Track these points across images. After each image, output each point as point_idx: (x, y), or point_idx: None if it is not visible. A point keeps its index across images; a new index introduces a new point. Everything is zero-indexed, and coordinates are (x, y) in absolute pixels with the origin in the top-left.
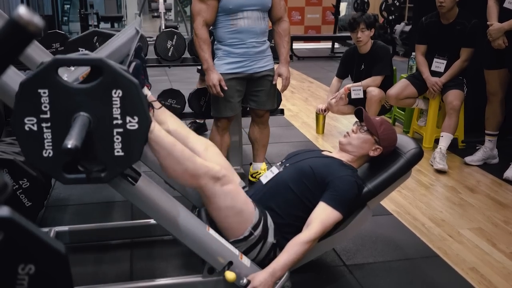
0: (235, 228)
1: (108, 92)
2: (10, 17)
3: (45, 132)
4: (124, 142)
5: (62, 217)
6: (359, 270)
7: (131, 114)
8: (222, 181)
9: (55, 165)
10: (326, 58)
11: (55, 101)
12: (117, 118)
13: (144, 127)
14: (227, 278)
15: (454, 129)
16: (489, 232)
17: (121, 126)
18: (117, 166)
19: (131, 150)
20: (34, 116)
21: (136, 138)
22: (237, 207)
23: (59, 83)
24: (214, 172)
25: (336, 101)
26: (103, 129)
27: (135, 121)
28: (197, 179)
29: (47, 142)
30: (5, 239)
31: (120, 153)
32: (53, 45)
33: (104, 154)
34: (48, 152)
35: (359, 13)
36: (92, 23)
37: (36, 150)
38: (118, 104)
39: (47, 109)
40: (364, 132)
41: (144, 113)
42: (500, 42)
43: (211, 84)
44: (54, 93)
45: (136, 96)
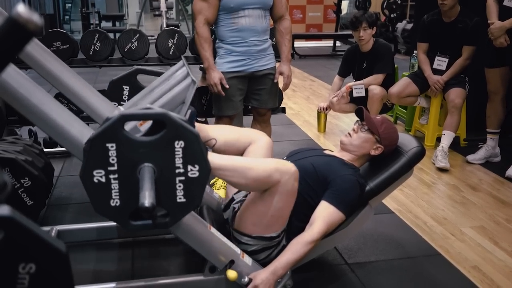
0: (269, 226)
1: (171, 143)
2: (9, 16)
3: (112, 183)
4: (186, 189)
5: (63, 216)
6: (361, 268)
7: (192, 163)
8: (294, 177)
9: (123, 214)
10: (327, 56)
11: (122, 154)
12: (179, 167)
13: (205, 174)
14: (229, 277)
15: (456, 127)
16: (491, 231)
17: (183, 175)
18: (179, 211)
19: (192, 196)
20: (102, 169)
21: (197, 185)
22: (287, 209)
23: (126, 137)
24: (288, 170)
25: (337, 100)
26: (166, 178)
27: (196, 169)
28: (270, 179)
29: (115, 192)
30: (5, 238)
31: (182, 199)
32: (54, 44)
33: (167, 201)
34: (115, 202)
35: (361, 12)
36: (93, 22)
37: (104, 200)
38: (181, 154)
39: (114, 162)
40: (365, 131)
41: (204, 161)
42: (502, 41)
43: (212, 82)
44: (121, 147)
45: (197, 146)
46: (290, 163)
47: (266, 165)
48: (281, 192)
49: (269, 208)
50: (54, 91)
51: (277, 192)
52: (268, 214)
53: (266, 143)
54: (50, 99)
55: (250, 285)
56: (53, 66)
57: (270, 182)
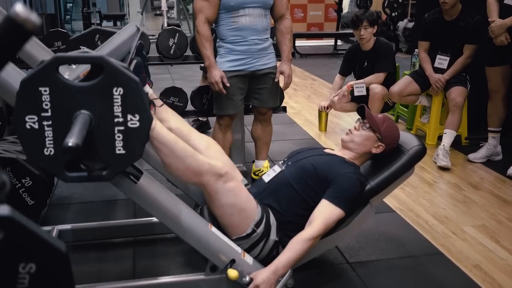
0: (238, 225)
1: (109, 90)
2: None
3: (46, 130)
4: (126, 140)
5: (65, 215)
6: (362, 267)
7: (132, 112)
8: (224, 178)
9: (57, 163)
10: (328, 55)
11: (56, 99)
12: (118, 116)
13: (146, 125)
14: (230, 276)
15: (457, 126)
16: (493, 229)
17: (122, 124)
18: (118, 164)
19: (132, 148)
20: (35, 114)
21: (137, 136)
22: (239, 204)
23: (60, 81)
24: (217, 169)
25: (338, 99)
26: (104, 127)
27: (136, 119)
28: (200, 176)
29: (49, 140)
30: (5, 238)
31: (121, 151)
32: (55, 44)
33: (105, 152)
34: (49, 150)
35: (361, 11)
36: (94, 22)
37: (38, 148)
38: (119, 102)
39: (48, 107)
40: (366, 129)
41: (145, 111)
42: (502, 39)
43: (213, 81)
44: (55, 91)
45: (137, 94)
46: (220, 163)
47: (203, 160)
48: (221, 192)
49: (226, 210)
50: None
51: (218, 193)
52: (229, 214)
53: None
54: None
55: (251, 285)
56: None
57: (199, 176)
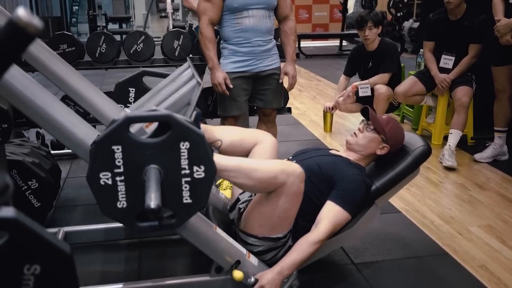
0: (275, 227)
1: (177, 145)
2: (10, 19)
3: (119, 185)
4: (192, 190)
5: (71, 217)
6: (367, 268)
7: (197, 164)
8: (300, 179)
9: (129, 216)
10: (334, 56)
11: (127, 156)
12: (185, 168)
13: (210, 175)
14: (235, 277)
15: (463, 126)
16: (499, 229)
17: (189, 176)
18: (186, 212)
19: (198, 197)
20: (108, 171)
21: (203, 186)
22: (293, 210)
23: (131, 139)
24: (294, 171)
25: (343, 99)
26: (172, 179)
27: (202, 170)
28: (276, 180)
29: (121, 194)
30: (10, 240)
31: (188, 200)
32: (60, 47)
33: (173, 202)
34: (122, 204)
35: (366, 11)
36: (100, 24)
37: (111, 202)
38: (186, 155)
39: (120, 164)
40: (370, 131)
41: (209, 162)
42: (508, 38)
43: (216, 82)
44: (127, 149)
45: (202, 146)
46: (296, 164)
47: (272, 166)
48: (287, 193)
49: (275, 209)
50: (60, 94)
51: (283, 193)
52: (274, 215)
53: (271, 144)
54: (56, 101)
55: (256, 286)
56: (59, 69)
57: (275, 183)
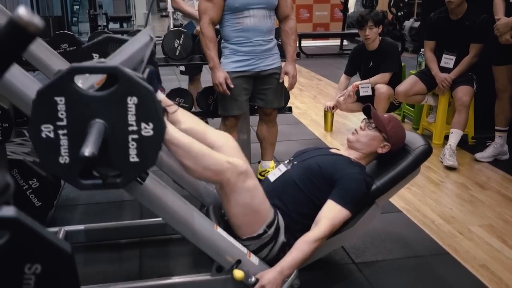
0: (250, 225)
1: (124, 99)
2: (10, 18)
3: (61, 139)
4: (140, 149)
5: (72, 216)
6: (368, 268)
7: (146, 121)
8: (244, 176)
9: (72, 172)
10: (334, 55)
11: (71, 108)
12: (132, 124)
13: (159, 134)
14: (236, 277)
15: (464, 125)
16: (500, 229)
17: (136, 133)
18: (132, 171)
19: (146, 156)
20: (51, 124)
21: (151, 145)
22: (255, 204)
23: (76, 91)
24: (237, 167)
25: (344, 99)
26: (118, 136)
27: (150, 128)
28: (219, 175)
29: (64, 149)
30: (11, 239)
31: (135, 159)
32: (61, 46)
33: (119, 160)
34: (64, 159)
35: (367, 10)
36: (101, 24)
37: (53, 156)
38: (134, 111)
39: (63, 117)
40: (372, 129)
41: (159, 120)
42: (507, 37)
43: (217, 82)
44: (70, 101)
45: (151, 103)
46: (241, 161)
47: (222, 159)
48: (239, 191)
49: (240, 209)
50: None
51: (237, 191)
52: (243, 214)
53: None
54: None
55: (257, 285)
56: (60, 68)
57: (219, 175)
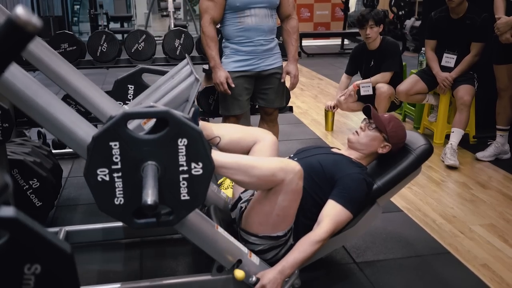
0: (275, 225)
1: (174, 141)
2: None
3: (116, 181)
4: (190, 187)
5: (72, 216)
6: (369, 267)
7: (195, 161)
8: (298, 176)
9: (127, 212)
10: (335, 54)
11: (125, 152)
12: (183, 165)
13: (209, 172)
14: (236, 277)
15: (465, 124)
16: (501, 228)
17: (187, 172)
18: (183, 209)
19: (196, 193)
20: (106, 167)
21: (201, 182)
22: (292, 208)
23: (129, 135)
24: (292, 167)
25: (345, 98)
26: (170, 176)
27: (200, 167)
28: (274, 177)
29: (119, 191)
30: (10, 239)
31: (186, 197)
32: (61, 46)
33: (171, 199)
34: (119, 200)
35: (367, 10)
36: (101, 23)
37: (108, 198)
38: (184, 152)
39: (118, 160)
40: (372, 129)
41: (207, 159)
42: (508, 36)
43: (218, 81)
44: (124, 145)
45: (200, 143)
46: (295, 162)
47: (271, 163)
48: (286, 191)
49: (275, 208)
50: (62, 93)
51: (282, 191)
52: (274, 213)
53: (271, 142)
54: (57, 100)
55: (257, 285)
56: (61, 68)
57: (274, 180)
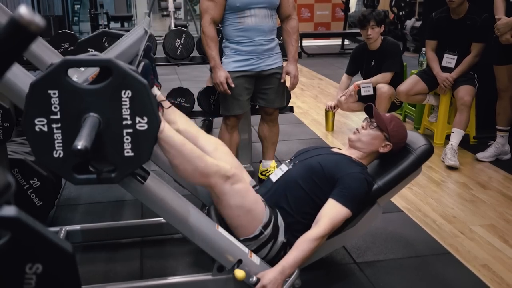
0: (246, 226)
1: (118, 92)
2: (11, 17)
3: (55, 132)
4: (134, 143)
5: (73, 216)
6: (369, 267)
7: (140, 115)
8: (232, 180)
9: (66, 166)
10: (336, 55)
11: (65, 102)
12: (126, 118)
13: (154, 128)
14: (237, 276)
15: (465, 125)
16: (501, 229)
17: (131, 127)
18: (127, 166)
19: (140, 150)
20: (44, 117)
21: (145, 139)
22: (247, 206)
23: (69, 84)
24: (224, 171)
25: (345, 98)
26: (112, 130)
27: (145, 122)
28: (207, 178)
29: (58, 142)
30: (12, 239)
31: (130, 153)
32: (62, 45)
33: (114, 155)
34: (58, 153)
35: (368, 10)
36: (102, 23)
37: (47, 150)
38: (128, 104)
39: (57, 110)
40: (374, 128)
41: (153, 114)
42: (508, 37)
43: (218, 81)
44: (64, 94)
45: (145, 96)
46: (227, 165)
47: (213, 162)
48: (229, 194)
49: (234, 211)
50: None
51: (227, 195)
52: (237, 216)
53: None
54: None
55: (258, 285)
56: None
57: (207, 178)
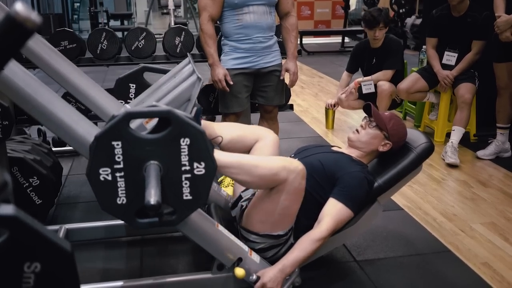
0: (276, 224)
1: (177, 141)
2: (8, 14)
3: (118, 181)
4: (192, 187)
5: (72, 214)
6: (369, 265)
7: (198, 160)
8: (301, 176)
9: (129, 212)
10: (336, 52)
11: (127, 151)
12: (185, 164)
13: (211, 172)
14: (237, 275)
15: (465, 122)
16: (502, 227)
17: (189, 172)
18: (186, 209)
19: (198, 193)
20: (108, 167)
21: (203, 183)
22: (294, 207)
23: (131, 135)
24: (295, 166)
25: (346, 96)
26: (172, 176)
27: (202, 167)
28: (277, 177)
29: (121, 190)
30: (10, 237)
31: (188, 197)
32: (61, 43)
33: (173, 199)
34: (122, 200)
35: (377, 10)
36: (101, 21)
37: (111, 198)
38: (186, 151)
39: (120, 160)
40: (373, 127)
41: (210, 159)
42: (508, 35)
43: (216, 79)
44: (126, 144)
45: (203, 143)
46: (297, 161)
47: (273, 163)
48: (288, 190)
49: (276, 206)
50: (62, 91)
51: (284, 190)
52: (276, 212)
53: (273, 141)
54: (57, 98)
55: (258, 283)
56: (61, 66)
57: (276, 180)
